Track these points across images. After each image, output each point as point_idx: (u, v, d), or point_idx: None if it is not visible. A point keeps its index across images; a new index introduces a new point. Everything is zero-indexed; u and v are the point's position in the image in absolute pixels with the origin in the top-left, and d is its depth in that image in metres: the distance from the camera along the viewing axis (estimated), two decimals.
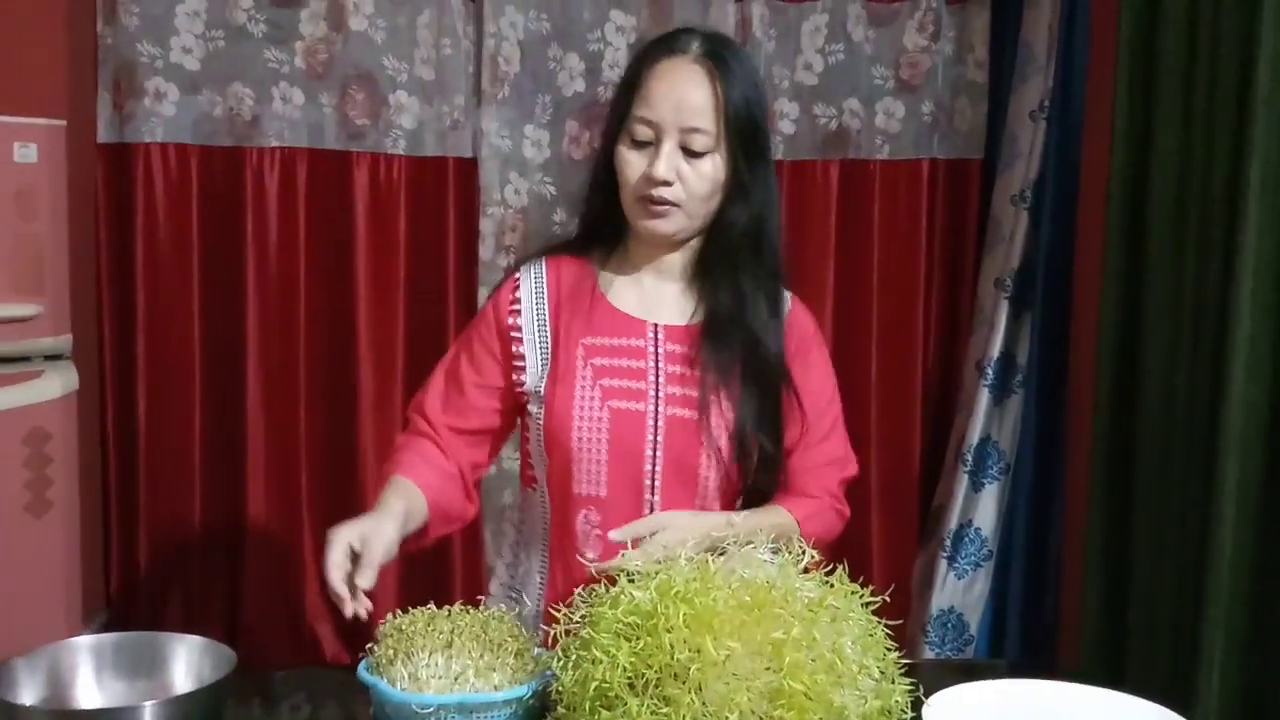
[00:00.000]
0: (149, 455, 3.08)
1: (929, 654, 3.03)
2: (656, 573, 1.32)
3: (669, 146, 1.67)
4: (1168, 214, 2.50)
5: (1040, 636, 3.09)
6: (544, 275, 1.80)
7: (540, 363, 1.76)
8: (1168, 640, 2.45)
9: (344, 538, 1.49)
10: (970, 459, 3.06)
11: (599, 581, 1.38)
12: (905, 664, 1.35)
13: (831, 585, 1.34)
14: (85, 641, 1.49)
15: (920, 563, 3.19)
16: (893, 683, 1.32)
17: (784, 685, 1.22)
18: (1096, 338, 2.68)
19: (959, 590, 3.08)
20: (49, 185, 2.62)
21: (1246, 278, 2.21)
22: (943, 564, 3.08)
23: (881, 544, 3.24)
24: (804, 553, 1.37)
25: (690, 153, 1.67)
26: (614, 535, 1.64)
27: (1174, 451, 2.47)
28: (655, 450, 1.72)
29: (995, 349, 3.03)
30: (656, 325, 1.76)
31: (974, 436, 3.05)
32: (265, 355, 3.07)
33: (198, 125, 3.04)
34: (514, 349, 1.77)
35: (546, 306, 1.78)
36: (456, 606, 1.49)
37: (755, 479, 1.73)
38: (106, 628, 2.92)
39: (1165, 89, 2.50)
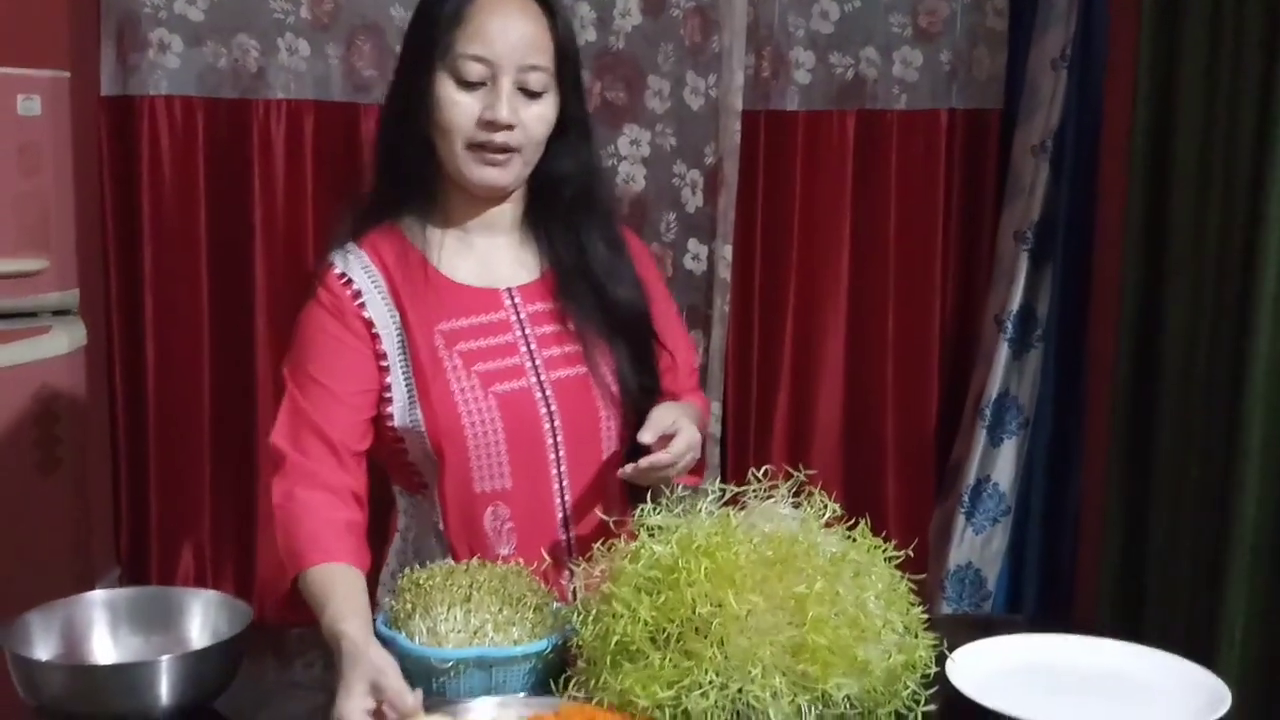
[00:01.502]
0: (158, 411, 3.09)
1: (946, 610, 3.04)
2: (677, 527, 1.32)
3: (508, 86, 1.53)
4: (1192, 164, 2.47)
5: (1057, 593, 3.09)
6: (366, 259, 1.61)
7: (400, 360, 1.60)
8: (1187, 598, 2.45)
9: (358, 708, 1.27)
10: (989, 414, 3.05)
11: (617, 536, 1.37)
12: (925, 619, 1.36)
13: (854, 540, 1.34)
14: (99, 597, 1.49)
15: (937, 518, 3.20)
16: (916, 637, 1.32)
17: (807, 640, 1.22)
18: (1118, 291, 2.67)
19: (977, 546, 3.09)
20: (53, 138, 2.61)
21: (1274, 230, 2.19)
22: (960, 519, 3.08)
23: (898, 499, 3.24)
24: (826, 508, 1.37)
25: (526, 93, 1.55)
26: (643, 437, 1.52)
27: (1196, 407, 2.45)
28: (552, 423, 1.63)
29: (1015, 302, 3.02)
30: (510, 290, 1.65)
31: (992, 391, 3.05)
32: (274, 309, 3.07)
33: (202, 77, 3.03)
34: (377, 346, 1.59)
35: (387, 293, 1.60)
36: (474, 561, 1.49)
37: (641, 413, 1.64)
38: (118, 586, 2.94)
39: (1189, 35, 2.47)
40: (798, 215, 3.17)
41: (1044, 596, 3.11)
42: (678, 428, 1.56)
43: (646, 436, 1.54)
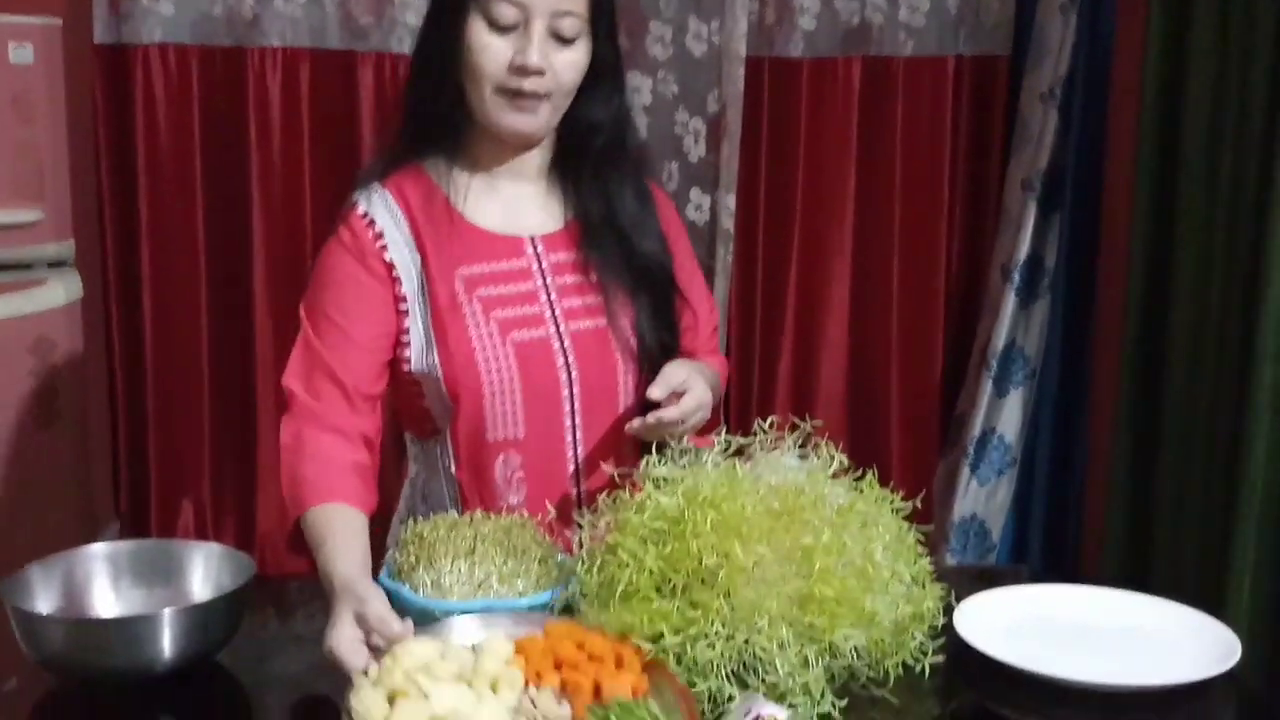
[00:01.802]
0: (156, 363, 3.09)
1: (950, 561, 3.05)
2: (683, 478, 1.31)
3: (540, 31, 1.52)
4: (1204, 111, 2.45)
5: (1063, 545, 3.11)
6: (390, 199, 1.62)
7: (420, 303, 1.60)
8: (1194, 550, 2.45)
9: (347, 637, 1.27)
10: (995, 365, 3.05)
11: (621, 486, 1.37)
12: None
13: (861, 491, 1.34)
14: (100, 549, 1.49)
15: (942, 470, 3.20)
16: (924, 588, 1.33)
17: (814, 591, 1.22)
18: (1128, 240, 2.65)
19: (981, 497, 3.10)
20: (46, 87, 2.59)
21: None
22: (965, 471, 3.08)
23: (903, 451, 3.25)
24: (832, 459, 1.37)
25: (559, 39, 1.54)
26: (653, 393, 1.53)
27: (1206, 358, 2.45)
28: (569, 374, 1.63)
29: (1022, 252, 3.01)
30: (533, 239, 1.65)
31: (999, 342, 3.04)
32: (271, 260, 3.06)
33: (196, 25, 3.00)
34: (397, 289, 1.59)
35: (410, 235, 1.61)
36: (478, 513, 1.49)
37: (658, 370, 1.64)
38: (117, 539, 2.95)
39: None
40: (802, 164, 3.15)
41: (1049, 549, 3.12)
42: (688, 385, 1.56)
43: (656, 392, 1.54)
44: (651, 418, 1.54)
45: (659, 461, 1.35)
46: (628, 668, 1.22)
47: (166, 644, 1.30)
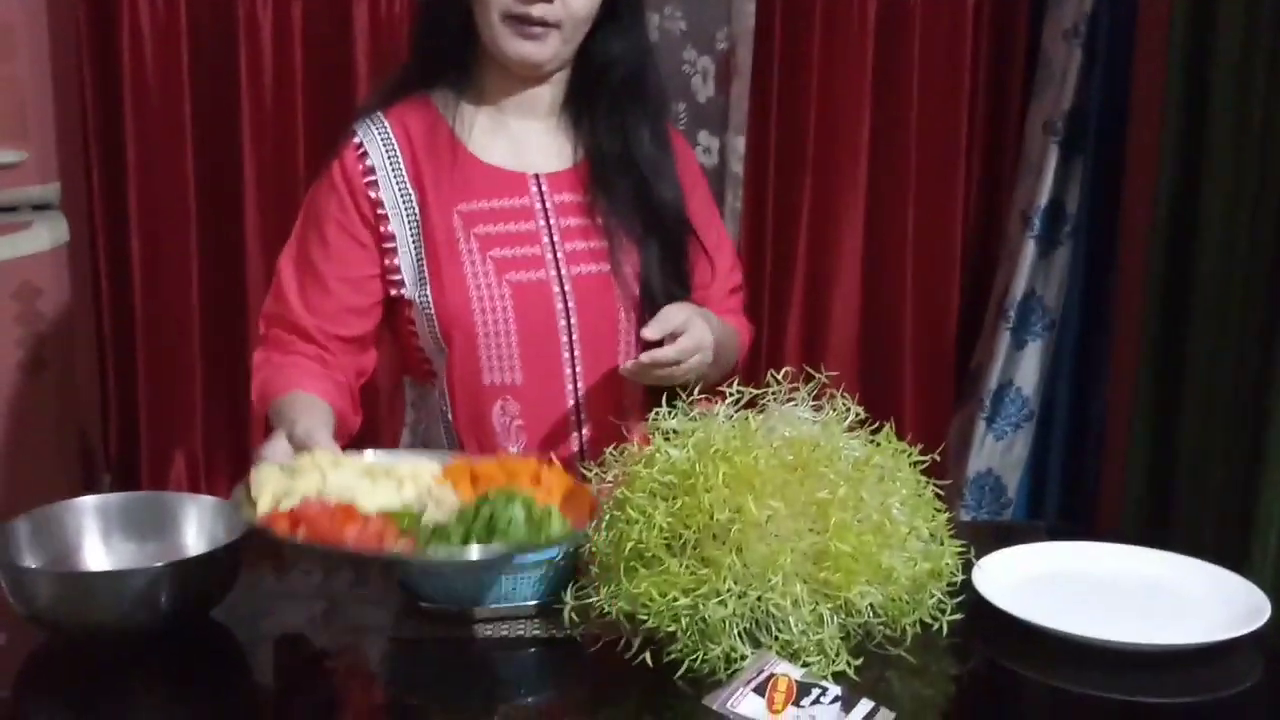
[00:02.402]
0: (146, 310, 3.08)
1: (965, 517, 3.05)
2: (693, 430, 1.31)
3: None
4: (1234, 47, 2.42)
5: (1080, 501, 3.11)
6: (389, 132, 1.64)
7: (413, 240, 1.62)
8: (1215, 507, 2.45)
9: (280, 449, 1.34)
10: (1012, 315, 3.03)
11: (631, 441, 1.37)
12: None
13: (878, 444, 1.34)
14: (90, 502, 1.49)
15: (957, 423, 3.20)
16: (942, 544, 1.33)
17: (829, 547, 1.23)
18: (1153, 185, 2.63)
19: (997, 452, 3.09)
20: (27, 22, 2.56)
21: None
22: (981, 425, 3.08)
23: (916, 404, 3.24)
24: (848, 411, 1.37)
25: None
26: (648, 333, 1.52)
27: (1232, 308, 2.43)
28: (569, 319, 1.64)
29: (1043, 197, 2.98)
30: (538, 176, 1.65)
31: (1017, 291, 3.02)
32: (264, 201, 3.04)
33: None
34: (382, 228, 1.62)
35: (405, 170, 1.62)
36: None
37: None
38: (108, 492, 2.95)
39: None
40: (814, 105, 3.12)
41: (1066, 505, 3.12)
42: (687, 327, 1.54)
43: (651, 332, 1.53)
44: (645, 357, 1.53)
45: (668, 413, 1.35)
46: (545, 486, 1.28)
47: (160, 599, 1.30)
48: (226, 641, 1.39)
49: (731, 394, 1.37)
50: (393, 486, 1.27)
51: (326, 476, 1.25)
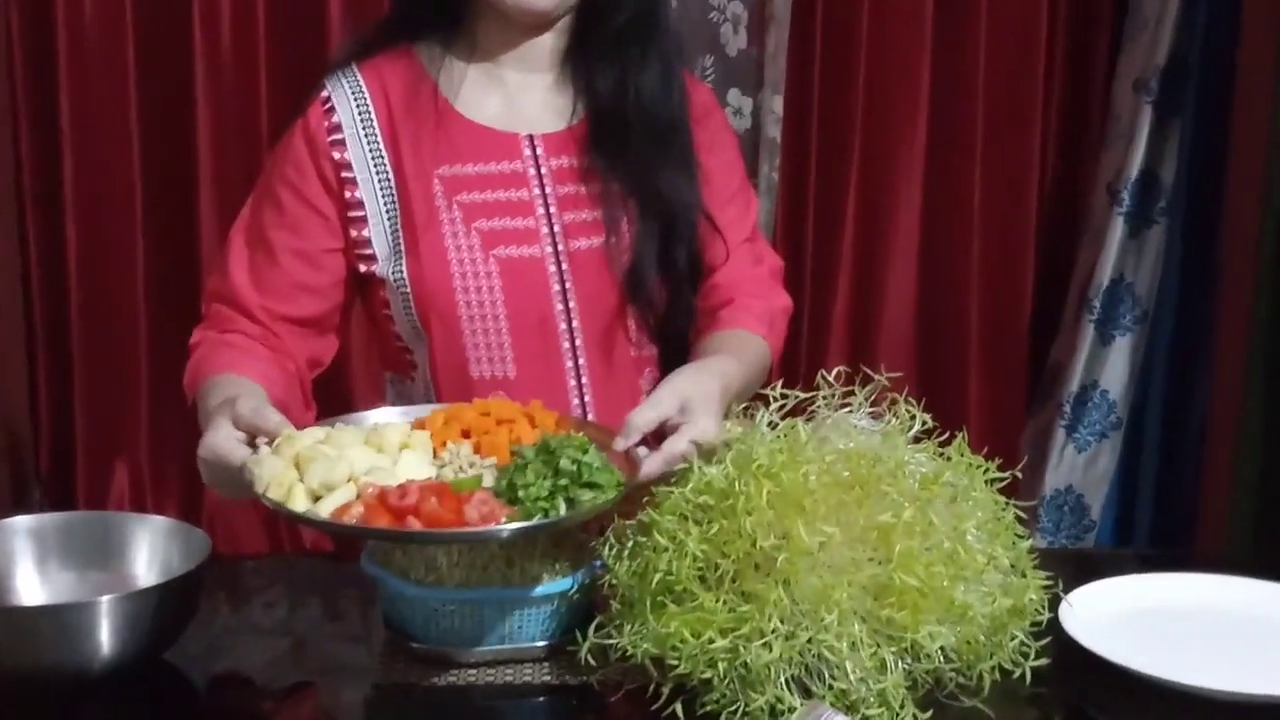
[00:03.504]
0: (81, 295, 3.07)
1: (1040, 542, 3.05)
2: (732, 443, 1.31)
3: None
4: None
5: (1176, 524, 3.10)
6: (363, 87, 1.66)
7: (386, 209, 1.65)
8: None
9: (223, 434, 1.37)
10: (1098, 306, 3.03)
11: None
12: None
13: (948, 458, 1.34)
14: (22, 523, 1.49)
15: (1031, 433, 3.19)
16: (1025, 577, 1.33)
17: (893, 579, 1.22)
18: (1264, 151, 2.62)
19: (1079, 466, 3.09)
20: None
21: None
22: (1060, 434, 3.07)
23: (982, 410, 3.23)
24: (913, 419, 1.36)
25: None
26: (619, 445, 1.39)
27: None
28: (566, 303, 1.65)
29: (1134, 167, 2.98)
30: (531, 137, 1.67)
31: (1103, 277, 3.02)
32: (220, 171, 3.02)
33: None
34: (348, 194, 1.65)
35: (378, 129, 1.65)
36: None
37: (679, 307, 1.69)
38: (39, 510, 2.95)
39: None
40: (864, 59, 3.11)
41: (1159, 528, 3.11)
42: (681, 420, 1.42)
43: (619, 445, 1.40)
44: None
45: None
46: (541, 425, 1.37)
47: (104, 638, 1.29)
48: (179, 686, 1.39)
49: (774, 395, 1.36)
50: (421, 456, 1.35)
51: (343, 458, 1.30)
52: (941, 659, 1.25)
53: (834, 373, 1.38)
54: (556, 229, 1.65)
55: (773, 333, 1.76)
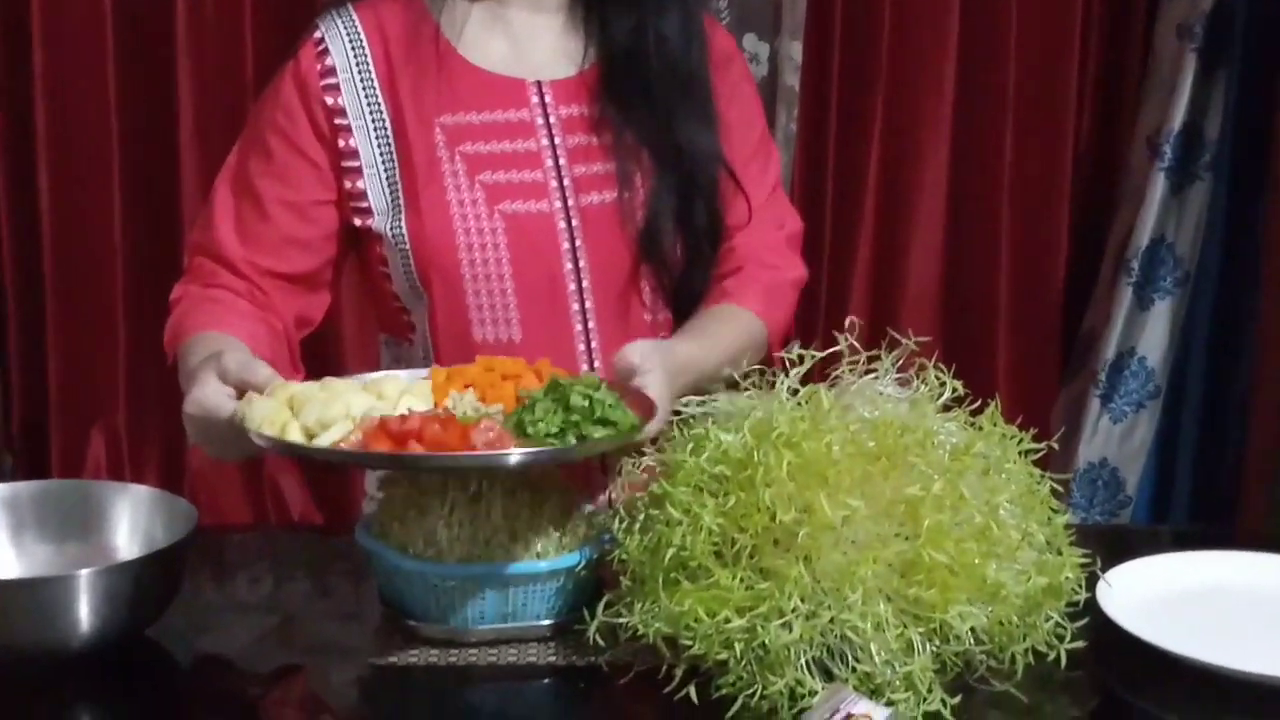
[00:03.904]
0: (56, 251, 3.07)
1: (1072, 518, 3.04)
2: (750, 410, 1.30)
3: None
4: None
5: (1216, 499, 3.10)
6: (359, 28, 1.66)
7: (383, 159, 1.65)
8: None
9: (211, 389, 1.37)
10: (1136, 267, 3.02)
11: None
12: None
13: (980, 428, 1.34)
14: None
15: (1064, 402, 3.20)
16: (1060, 554, 1.33)
17: (921, 556, 1.22)
18: None
19: (1114, 438, 3.09)
20: None
21: None
22: (1094, 404, 3.08)
23: (1012, 377, 3.24)
24: (942, 385, 1.36)
25: None
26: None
27: None
28: (576, 262, 1.65)
29: (1176, 120, 2.97)
30: (539, 84, 1.67)
31: (1142, 237, 3.01)
32: (202, 123, 3.03)
33: None
34: (341, 142, 1.64)
35: (374, 73, 1.65)
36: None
37: (697, 268, 1.69)
38: (11, 478, 2.96)
39: None
40: (889, 2, 3.10)
41: (1198, 504, 3.12)
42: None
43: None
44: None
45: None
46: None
47: (84, 614, 1.29)
48: (162, 665, 1.39)
49: (792, 357, 1.35)
50: (420, 401, 1.36)
51: (340, 396, 1.32)
52: (972, 641, 1.24)
53: (852, 326, 1.36)
54: (566, 183, 1.65)
55: (774, 308, 1.75)
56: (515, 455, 1.26)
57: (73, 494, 1.50)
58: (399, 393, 1.37)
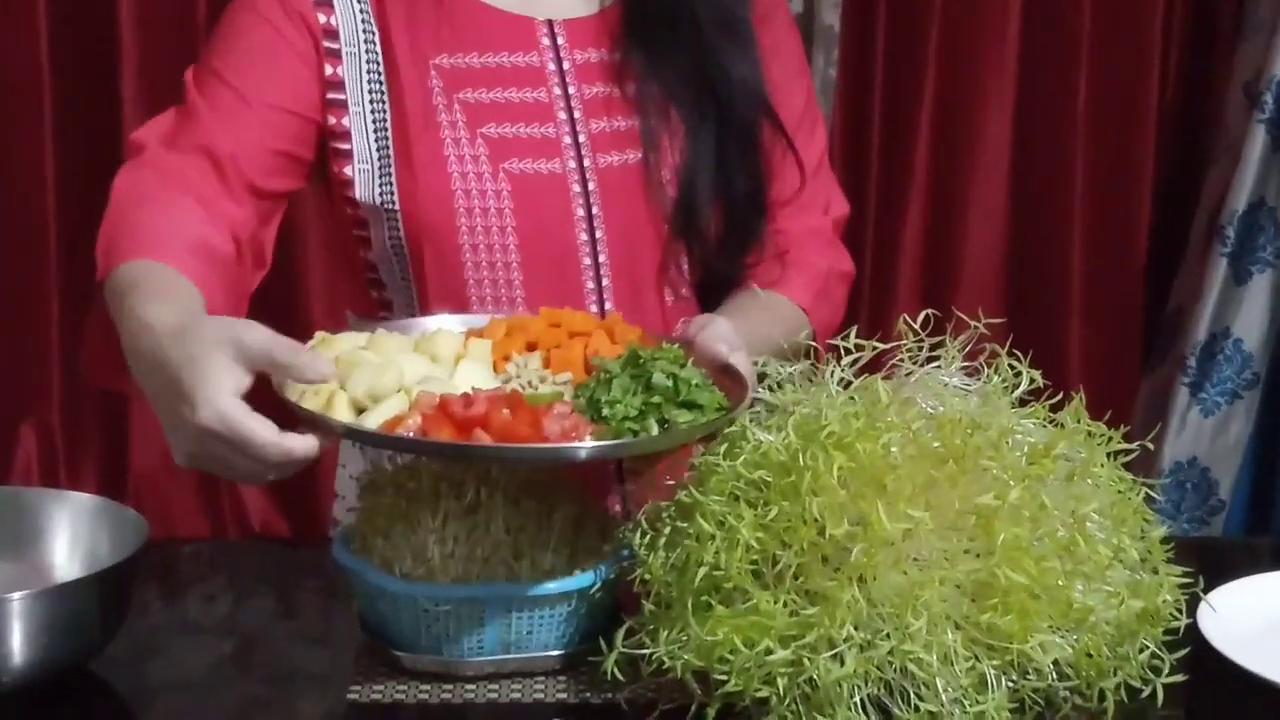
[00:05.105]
0: None
1: (1158, 526, 3.05)
2: (795, 405, 1.30)
3: None
4: None
5: None
6: None
7: (371, 100, 1.63)
8: None
9: (227, 390, 1.21)
10: (1231, 236, 3.03)
11: None
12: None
13: (1062, 425, 1.34)
14: None
15: (1146, 393, 3.21)
16: (1157, 574, 1.33)
17: (996, 576, 1.22)
18: None
19: (1206, 433, 3.10)
20: None
21: None
22: (1183, 394, 3.09)
23: (1086, 364, 3.26)
24: (1017, 376, 1.36)
25: None
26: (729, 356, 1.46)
27: None
28: (592, 231, 1.66)
29: (1277, 66, 2.95)
30: (551, 24, 1.67)
31: (1239, 201, 3.02)
32: (146, 65, 3.04)
33: None
34: (328, 69, 1.62)
35: (372, 9, 1.63)
36: None
37: (733, 243, 1.69)
38: None
39: None
40: None
41: None
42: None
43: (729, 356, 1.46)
44: None
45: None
46: (622, 340, 1.40)
47: (16, 643, 1.29)
48: (104, 699, 1.39)
49: (846, 346, 1.35)
50: (481, 369, 1.38)
51: (392, 361, 1.33)
52: (1055, 675, 1.25)
53: (920, 319, 1.36)
54: (582, 139, 1.65)
55: (822, 302, 1.76)
56: (585, 449, 1.29)
57: (3, 503, 1.51)
58: (454, 355, 1.39)
